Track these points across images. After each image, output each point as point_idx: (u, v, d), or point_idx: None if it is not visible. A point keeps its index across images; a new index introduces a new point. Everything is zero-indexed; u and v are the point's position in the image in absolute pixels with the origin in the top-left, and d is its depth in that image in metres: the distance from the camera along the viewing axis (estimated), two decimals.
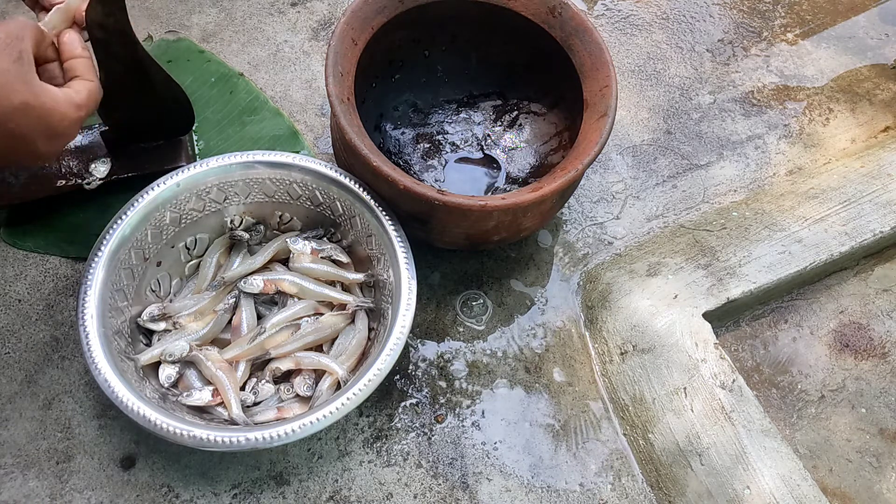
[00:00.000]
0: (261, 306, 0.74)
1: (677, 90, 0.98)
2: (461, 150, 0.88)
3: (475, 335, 0.79)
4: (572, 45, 0.76)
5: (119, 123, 0.78)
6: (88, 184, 0.78)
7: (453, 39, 0.85)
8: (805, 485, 0.67)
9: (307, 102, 0.92)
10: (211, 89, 0.90)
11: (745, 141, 0.95)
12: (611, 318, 0.79)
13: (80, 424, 0.71)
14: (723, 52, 1.02)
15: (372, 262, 0.74)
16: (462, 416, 0.75)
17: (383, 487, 0.70)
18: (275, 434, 0.60)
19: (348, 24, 0.72)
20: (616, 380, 0.77)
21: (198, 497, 0.68)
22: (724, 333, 0.82)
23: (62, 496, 0.67)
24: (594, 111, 0.72)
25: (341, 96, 0.68)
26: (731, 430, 0.69)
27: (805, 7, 1.08)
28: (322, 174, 0.73)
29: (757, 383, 0.79)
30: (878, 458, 0.76)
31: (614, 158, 0.92)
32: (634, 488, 0.72)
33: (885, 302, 0.85)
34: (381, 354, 0.64)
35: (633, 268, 0.81)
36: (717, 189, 0.90)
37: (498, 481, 0.72)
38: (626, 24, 1.04)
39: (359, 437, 0.72)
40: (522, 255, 0.84)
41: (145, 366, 0.68)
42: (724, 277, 0.78)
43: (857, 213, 0.84)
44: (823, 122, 0.97)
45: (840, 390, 0.80)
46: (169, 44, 0.94)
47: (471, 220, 0.70)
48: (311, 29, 0.98)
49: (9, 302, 0.76)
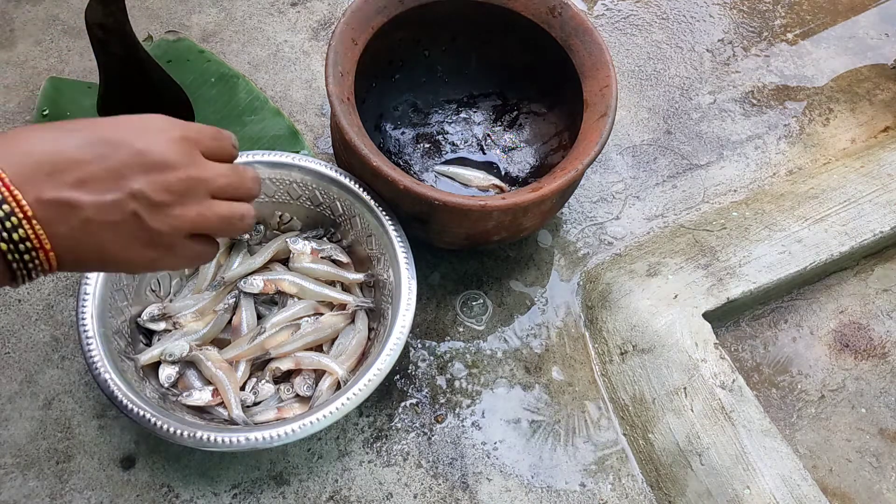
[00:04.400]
0: (261, 306, 0.74)
1: (677, 90, 0.99)
2: (461, 150, 0.88)
3: (475, 335, 0.79)
4: (572, 45, 0.76)
5: None
6: None
7: (453, 39, 0.85)
8: (805, 485, 0.67)
9: (307, 102, 0.92)
10: (211, 89, 0.90)
11: (745, 141, 0.95)
12: (611, 318, 0.79)
13: (80, 424, 0.71)
14: (723, 52, 1.02)
15: (372, 262, 0.74)
16: (462, 415, 0.75)
17: (383, 487, 0.70)
18: (275, 434, 0.60)
19: (348, 24, 0.72)
20: (616, 380, 0.77)
21: (198, 497, 0.68)
22: (724, 333, 0.82)
23: (62, 496, 0.67)
24: (594, 111, 0.72)
25: (341, 96, 0.68)
26: (731, 430, 0.69)
27: (805, 7, 1.08)
28: (322, 174, 0.73)
29: (757, 383, 0.79)
30: (878, 458, 0.76)
31: (614, 158, 0.92)
32: (634, 488, 0.72)
33: (885, 302, 0.85)
34: (381, 354, 0.64)
35: (633, 268, 0.81)
36: (717, 189, 0.90)
37: (498, 481, 0.72)
38: (626, 24, 1.04)
39: (359, 437, 0.72)
40: (522, 255, 0.84)
41: (145, 366, 0.68)
42: (724, 277, 0.78)
43: (857, 213, 0.84)
44: (823, 122, 0.97)
45: (840, 390, 0.80)
46: (169, 44, 0.93)
47: (471, 220, 0.70)
48: (311, 29, 0.98)
49: (9, 302, 0.76)
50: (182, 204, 0.44)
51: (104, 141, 0.42)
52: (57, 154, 0.40)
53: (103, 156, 0.41)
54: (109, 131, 0.43)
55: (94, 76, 0.76)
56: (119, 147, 0.42)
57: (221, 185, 0.47)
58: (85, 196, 0.40)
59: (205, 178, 0.45)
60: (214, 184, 0.46)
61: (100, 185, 0.40)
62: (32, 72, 0.90)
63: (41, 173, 0.39)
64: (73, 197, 0.39)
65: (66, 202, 0.39)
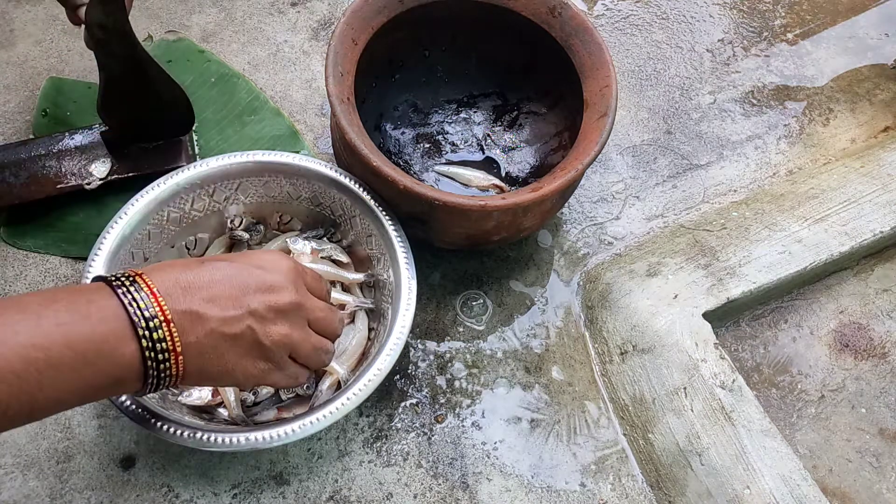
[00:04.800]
0: None
1: (677, 90, 0.99)
2: (461, 150, 0.88)
3: (475, 335, 0.79)
4: (572, 45, 0.76)
5: (119, 123, 0.78)
6: (88, 184, 0.78)
7: (453, 39, 0.85)
8: (805, 485, 0.67)
9: (307, 102, 0.92)
10: (211, 89, 0.90)
11: (745, 141, 0.95)
12: (611, 318, 0.79)
13: (80, 424, 0.71)
14: (723, 52, 1.02)
15: (372, 262, 0.74)
16: (462, 415, 0.75)
17: (383, 487, 0.70)
18: (275, 434, 0.60)
19: (348, 24, 0.72)
20: (616, 380, 0.77)
21: (198, 497, 0.68)
22: (724, 333, 0.82)
23: (62, 496, 0.67)
24: (594, 111, 0.72)
25: (341, 96, 0.68)
26: (731, 430, 0.69)
27: (805, 7, 1.08)
28: (322, 174, 0.73)
29: (757, 383, 0.79)
30: (878, 458, 0.76)
31: (614, 158, 0.92)
32: (634, 488, 0.72)
33: (885, 302, 0.85)
34: (381, 354, 0.64)
35: (633, 268, 0.81)
36: (717, 189, 0.90)
37: (498, 481, 0.72)
38: (626, 24, 1.04)
39: (359, 437, 0.72)
40: (522, 255, 0.84)
41: None
42: (724, 277, 0.78)
43: (857, 213, 0.84)
44: (823, 122, 0.97)
45: (840, 390, 0.80)
46: (169, 44, 0.94)
47: (471, 220, 0.70)
48: (311, 29, 0.98)
49: None
50: (287, 322, 0.52)
51: (231, 267, 0.51)
52: (194, 276, 0.48)
53: (229, 277, 0.49)
54: (235, 260, 0.52)
55: (94, 76, 0.76)
56: (241, 271, 0.51)
57: (318, 317, 0.55)
58: (212, 310, 0.48)
59: (307, 306, 0.54)
60: (313, 314, 0.55)
61: (225, 303, 0.49)
62: (32, 72, 0.90)
63: (178, 289, 0.47)
64: (203, 309, 0.47)
65: (196, 313, 0.47)
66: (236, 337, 0.49)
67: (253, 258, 0.53)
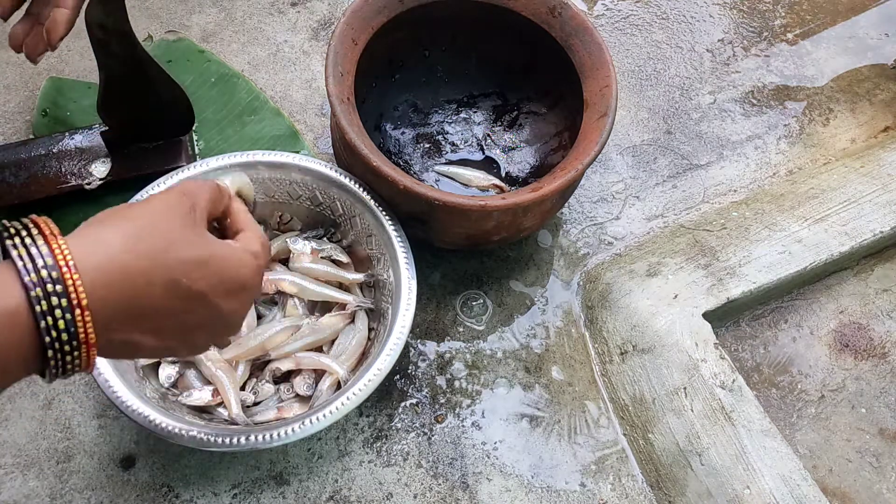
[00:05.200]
0: (261, 306, 0.74)
1: (677, 90, 0.99)
2: (461, 150, 0.88)
3: (475, 335, 0.79)
4: (572, 45, 0.76)
5: (119, 123, 0.78)
6: (88, 184, 0.78)
7: (453, 39, 0.85)
8: (805, 485, 0.67)
9: (307, 102, 0.92)
10: (211, 89, 0.90)
11: (745, 141, 0.95)
12: (611, 318, 0.79)
13: (80, 424, 0.71)
14: (723, 52, 1.02)
15: (372, 262, 0.74)
16: (462, 416, 0.75)
17: (383, 487, 0.70)
18: (275, 434, 0.60)
19: (348, 24, 0.72)
20: (616, 380, 0.77)
21: (198, 497, 0.68)
22: (724, 333, 0.82)
23: (62, 496, 0.67)
24: (594, 111, 0.72)
25: (341, 96, 0.68)
26: (731, 430, 0.69)
27: (805, 7, 1.08)
28: (322, 174, 0.73)
29: (757, 383, 0.79)
30: (878, 458, 0.76)
31: (614, 158, 0.92)
32: (634, 488, 0.72)
33: (885, 302, 0.85)
34: (381, 354, 0.65)
35: (633, 268, 0.81)
36: (717, 189, 0.90)
37: (498, 481, 0.72)
38: (626, 24, 1.04)
39: (359, 437, 0.72)
40: (522, 255, 0.84)
41: (145, 366, 0.67)
42: (724, 277, 0.78)
43: (857, 213, 0.84)
44: (823, 122, 0.97)
45: (840, 390, 0.80)
46: (169, 44, 0.93)
47: (471, 220, 0.70)
48: (311, 29, 0.98)
49: None
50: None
51: (188, 294, 0.43)
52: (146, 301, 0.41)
53: (185, 311, 0.43)
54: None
55: (94, 76, 0.76)
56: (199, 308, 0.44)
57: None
58: (150, 341, 0.43)
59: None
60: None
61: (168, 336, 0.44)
62: (32, 72, 0.90)
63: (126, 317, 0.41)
64: (139, 340, 0.42)
65: (132, 342, 0.42)
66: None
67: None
